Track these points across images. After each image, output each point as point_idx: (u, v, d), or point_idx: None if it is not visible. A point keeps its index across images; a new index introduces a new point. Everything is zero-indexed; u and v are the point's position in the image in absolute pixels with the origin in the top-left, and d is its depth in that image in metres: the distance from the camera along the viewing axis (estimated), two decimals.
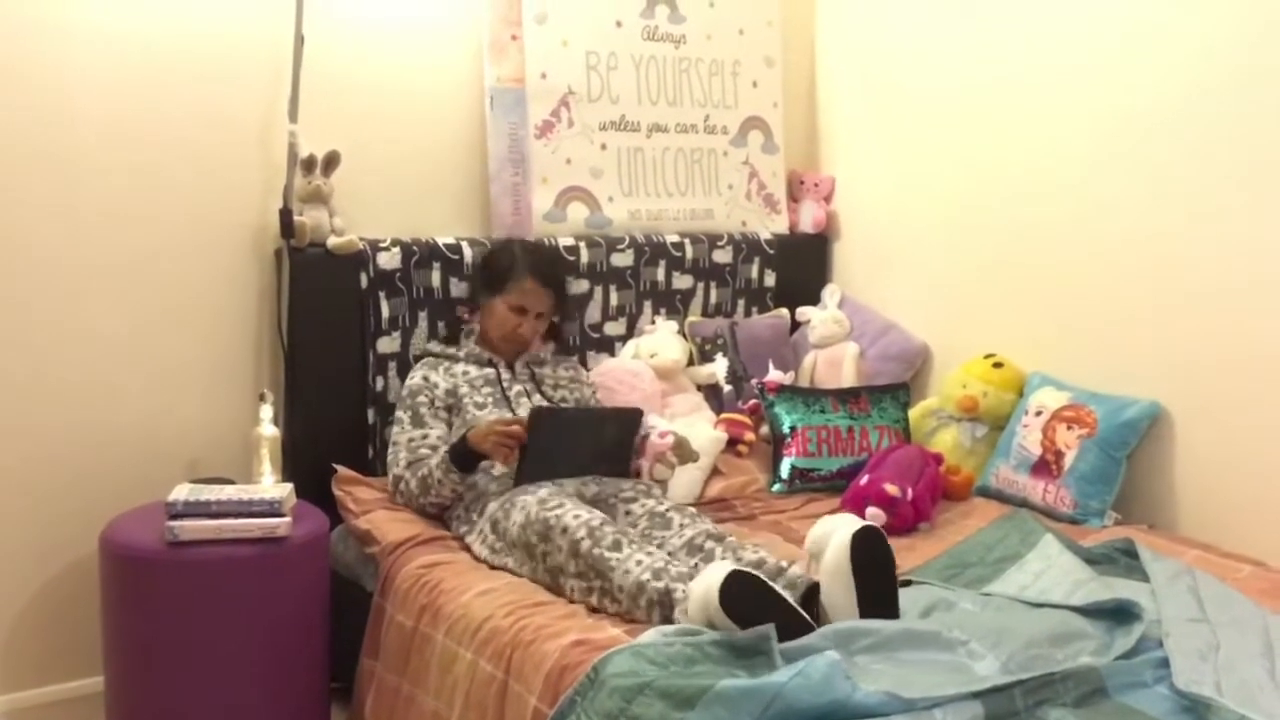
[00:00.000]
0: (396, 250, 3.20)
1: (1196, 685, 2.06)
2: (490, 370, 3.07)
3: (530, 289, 3.07)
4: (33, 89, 2.78)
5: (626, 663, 2.03)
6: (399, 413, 3.00)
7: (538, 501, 2.62)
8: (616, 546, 2.45)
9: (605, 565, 2.42)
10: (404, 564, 2.71)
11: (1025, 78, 3.44)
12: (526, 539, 2.59)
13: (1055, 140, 3.37)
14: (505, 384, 3.04)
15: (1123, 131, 3.19)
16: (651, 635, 2.15)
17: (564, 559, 2.49)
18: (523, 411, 2.95)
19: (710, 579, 2.20)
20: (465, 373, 3.04)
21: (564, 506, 2.58)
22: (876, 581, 2.26)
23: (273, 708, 2.62)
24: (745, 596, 2.18)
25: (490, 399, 2.99)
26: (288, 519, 2.61)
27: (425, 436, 2.91)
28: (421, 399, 2.98)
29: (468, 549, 2.78)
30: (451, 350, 3.09)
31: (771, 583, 2.23)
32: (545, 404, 3.04)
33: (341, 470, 3.03)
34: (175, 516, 2.55)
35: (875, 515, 2.96)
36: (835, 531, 2.33)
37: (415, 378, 3.04)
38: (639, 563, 2.40)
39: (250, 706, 2.58)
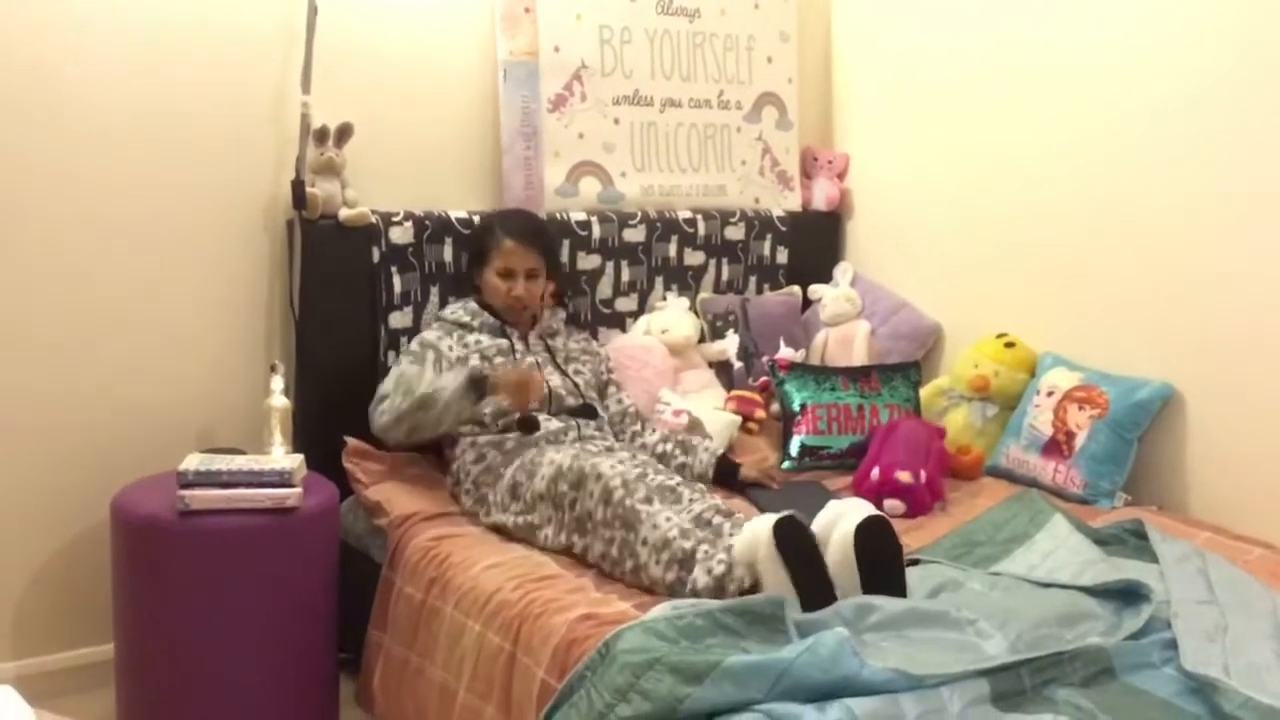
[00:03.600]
0: (409, 224, 3.19)
1: (1204, 667, 2.06)
2: (504, 340, 3.07)
3: (510, 248, 3.06)
4: (44, 60, 2.78)
5: (637, 638, 2.03)
6: (402, 356, 3.02)
7: (570, 456, 2.65)
8: (648, 500, 2.48)
9: (635, 516, 2.44)
10: (413, 536, 2.72)
11: (1041, 58, 3.42)
12: (556, 490, 2.61)
13: (1071, 120, 3.34)
14: (519, 354, 3.05)
15: (1138, 114, 3.17)
16: (662, 609, 2.16)
17: (594, 504, 2.52)
18: None
19: (763, 520, 2.26)
20: (478, 342, 3.04)
21: (599, 458, 2.61)
22: (882, 571, 2.27)
23: (281, 676, 2.63)
24: (797, 536, 2.23)
25: (501, 370, 2.99)
26: (298, 490, 2.61)
27: (420, 375, 2.89)
28: (429, 353, 2.99)
29: (478, 523, 2.79)
30: (466, 319, 3.09)
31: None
32: (559, 378, 3.05)
33: (352, 442, 3.03)
34: (186, 486, 2.55)
35: (895, 507, 2.96)
36: (842, 519, 2.33)
37: (430, 334, 3.05)
38: (668, 519, 2.43)
39: (258, 675, 2.59)
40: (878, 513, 2.34)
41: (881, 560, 2.27)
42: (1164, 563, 2.53)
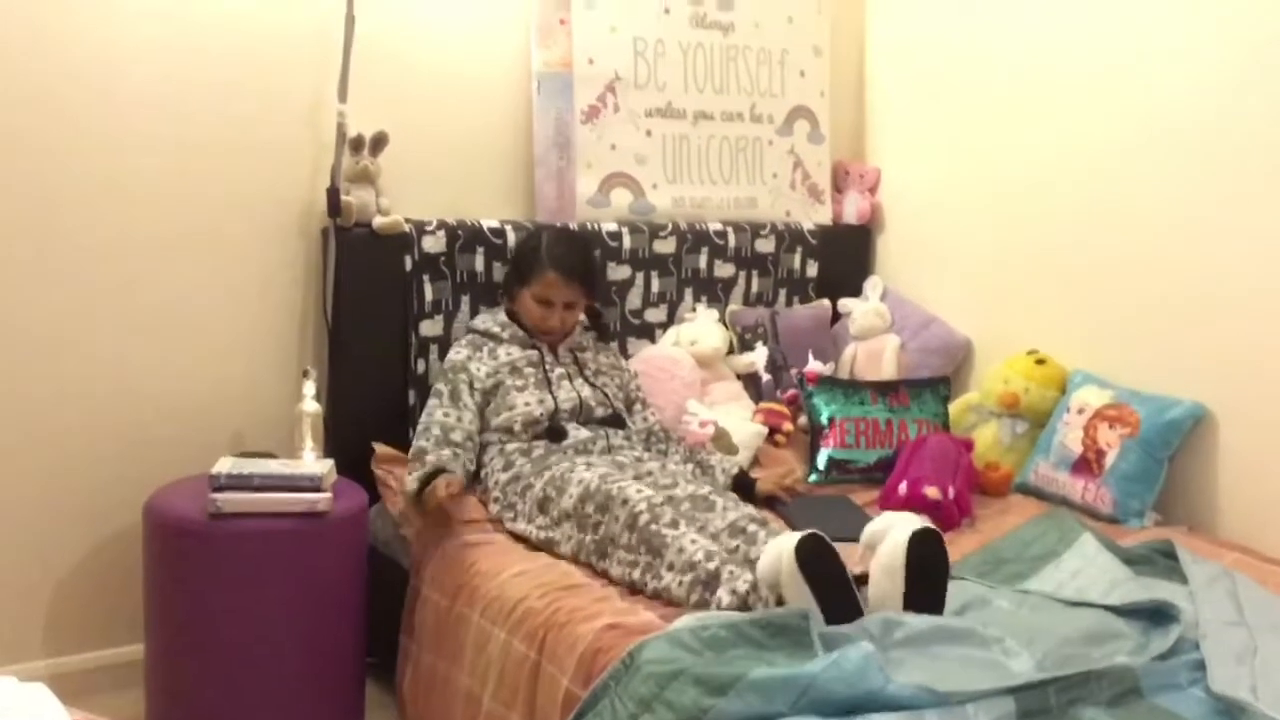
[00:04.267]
0: (441, 234, 3.21)
1: (1232, 689, 2.04)
2: (534, 351, 3.07)
3: (552, 281, 3.04)
4: (83, 65, 2.82)
5: (662, 649, 2.04)
6: (439, 385, 3.00)
7: (599, 477, 2.64)
8: (674, 524, 2.48)
9: (660, 541, 2.44)
10: (440, 544, 2.73)
11: (1076, 74, 3.41)
12: (583, 511, 2.60)
13: (1104, 136, 3.33)
14: (548, 366, 3.05)
15: (1174, 130, 3.15)
16: (687, 620, 2.16)
17: (619, 530, 2.51)
18: (563, 394, 2.98)
19: (786, 539, 2.25)
20: (509, 354, 3.04)
21: (625, 482, 2.61)
22: (928, 584, 2.26)
23: (309, 680, 2.65)
24: (820, 555, 2.22)
25: (532, 379, 3.00)
26: (328, 495, 2.64)
27: (460, 421, 2.91)
28: (462, 378, 2.98)
29: (505, 532, 2.80)
30: (495, 330, 3.09)
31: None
32: (588, 389, 3.06)
33: (380, 448, 3.05)
34: (218, 489, 2.58)
35: None
36: (894, 527, 2.32)
37: (459, 354, 3.04)
38: (693, 541, 2.43)
39: (287, 678, 2.61)
40: (932, 526, 2.33)
41: (930, 573, 2.26)
42: (1194, 583, 2.51)
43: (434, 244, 3.21)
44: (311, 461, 2.79)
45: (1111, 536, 2.83)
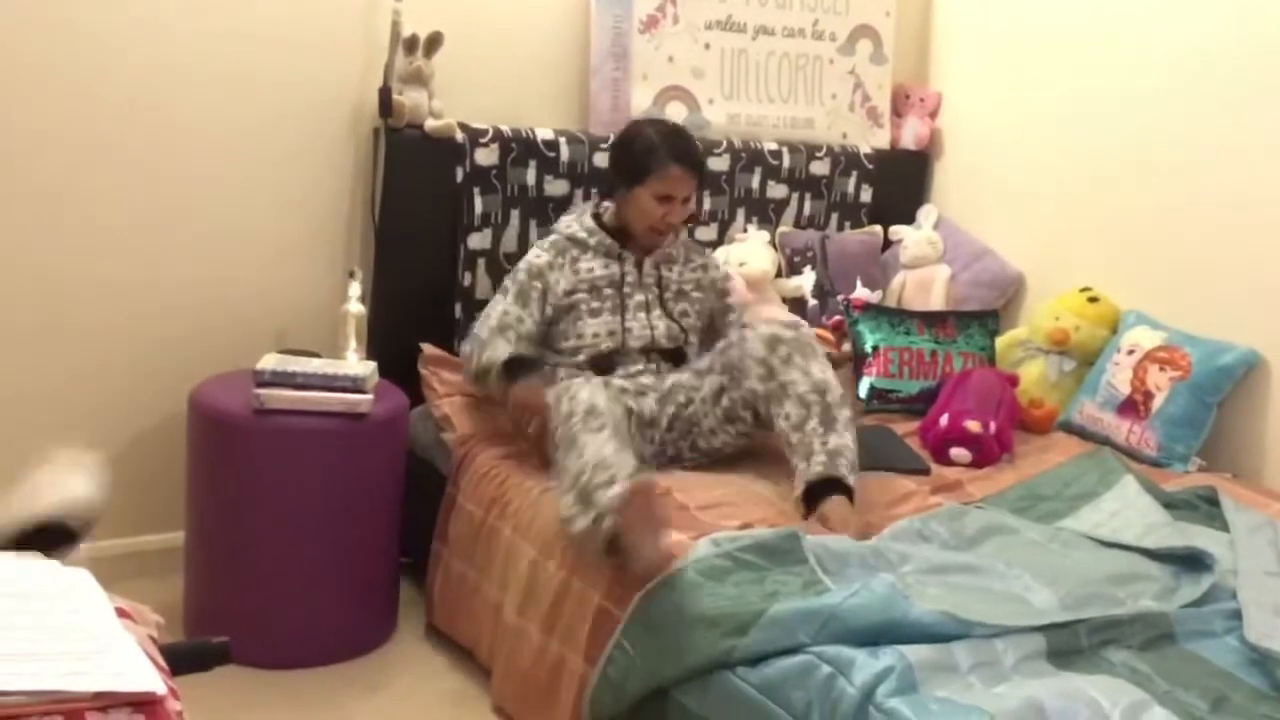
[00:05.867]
0: (495, 146, 3.17)
1: (1268, 640, 2.03)
2: (615, 269, 2.91)
3: (678, 176, 2.85)
4: None
5: (667, 595, 2.04)
6: (507, 281, 2.92)
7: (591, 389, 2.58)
8: (599, 430, 2.42)
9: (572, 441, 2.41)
10: (477, 454, 2.75)
11: (1146, 8, 3.30)
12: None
13: (1168, 75, 3.25)
14: (627, 290, 2.90)
15: (1237, 74, 3.07)
16: (703, 547, 2.16)
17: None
18: (636, 327, 2.87)
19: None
20: (589, 268, 2.89)
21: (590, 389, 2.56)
22: None
23: (344, 575, 2.69)
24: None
25: (608, 304, 2.88)
26: (370, 396, 2.65)
27: (521, 321, 2.84)
28: (536, 285, 2.87)
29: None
30: (582, 236, 2.92)
31: None
32: (663, 323, 2.92)
33: (428, 349, 3.04)
34: (262, 385, 2.60)
35: (960, 455, 2.94)
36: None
37: (541, 258, 2.90)
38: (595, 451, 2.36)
39: (322, 572, 2.65)
40: None
41: None
42: (1235, 532, 2.48)
43: (486, 156, 3.17)
44: (354, 363, 2.80)
45: (1154, 480, 2.80)
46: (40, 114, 2.74)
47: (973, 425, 2.96)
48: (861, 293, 3.59)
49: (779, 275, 3.61)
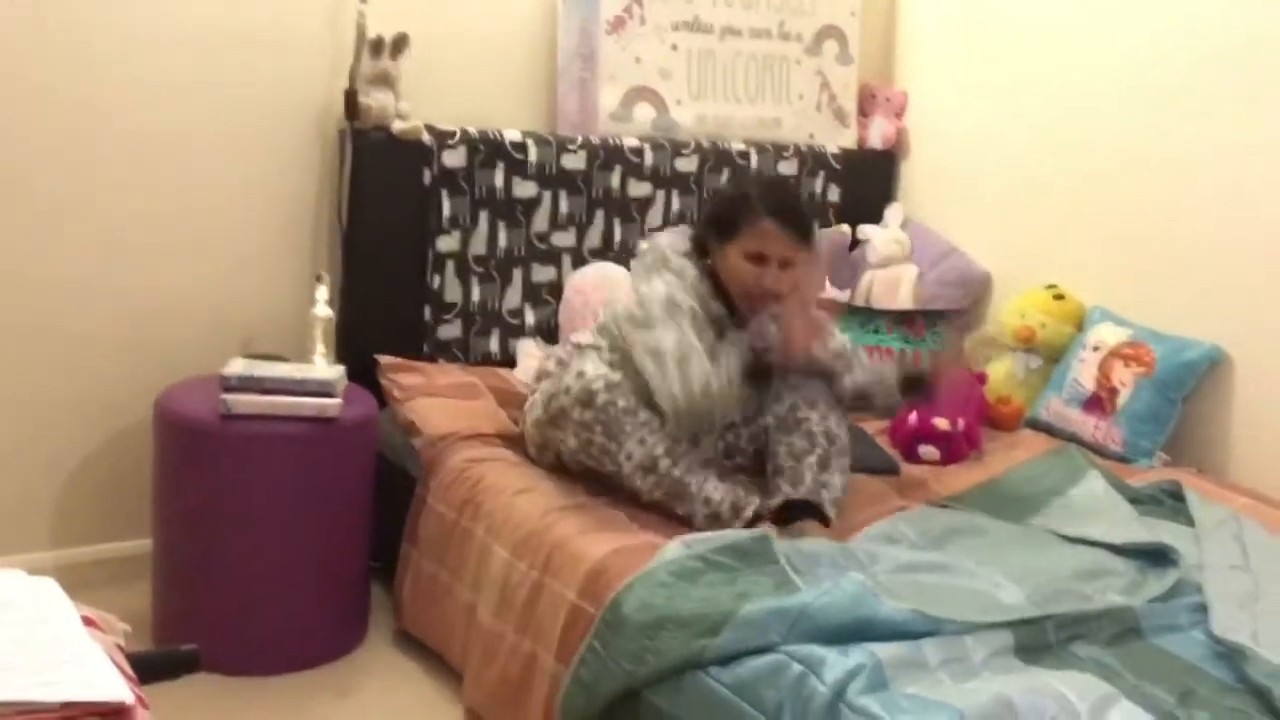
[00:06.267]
0: (462, 148, 3.16)
1: (1233, 633, 2.05)
2: (709, 332, 2.52)
3: (768, 230, 2.51)
4: None
5: (639, 596, 2.05)
6: (656, 311, 2.45)
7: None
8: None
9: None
10: (447, 457, 2.74)
11: (1110, 5, 3.33)
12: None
13: (1134, 72, 3.27)
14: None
15: (1201, 67, 3.09)
16: (673, 549, 2.16)
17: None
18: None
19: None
20: (700, 333, 2.48)
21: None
22: None
23: (313, 581, 2.68)
24: None
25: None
26: (339, 400, 2.64)
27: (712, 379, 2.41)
28: (686, 312, 2.46)
29: (514, 448, 2.77)
30: (691, 273, 2.55)
31: None
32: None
33: (384, 359, 3.06)
34: (229, 390, 2.58)
35: (930, 454, 2.96)
36: None
37: (672, 289, 2.49)
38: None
39: (291, 578, 2.64)
40: None
41: None
42: (1200, 526, 2.51)
43: (454, 158, 3.16)
44: (323, 367, 2.79)
45: (1120, 475, 2.83)
46: (2, 118, 2.72)
47: (941, 423, 2.98)
48: (830, 292, 3.60)
49: None
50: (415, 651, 2.78)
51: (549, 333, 3.37)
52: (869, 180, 3.95)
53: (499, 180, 3.24)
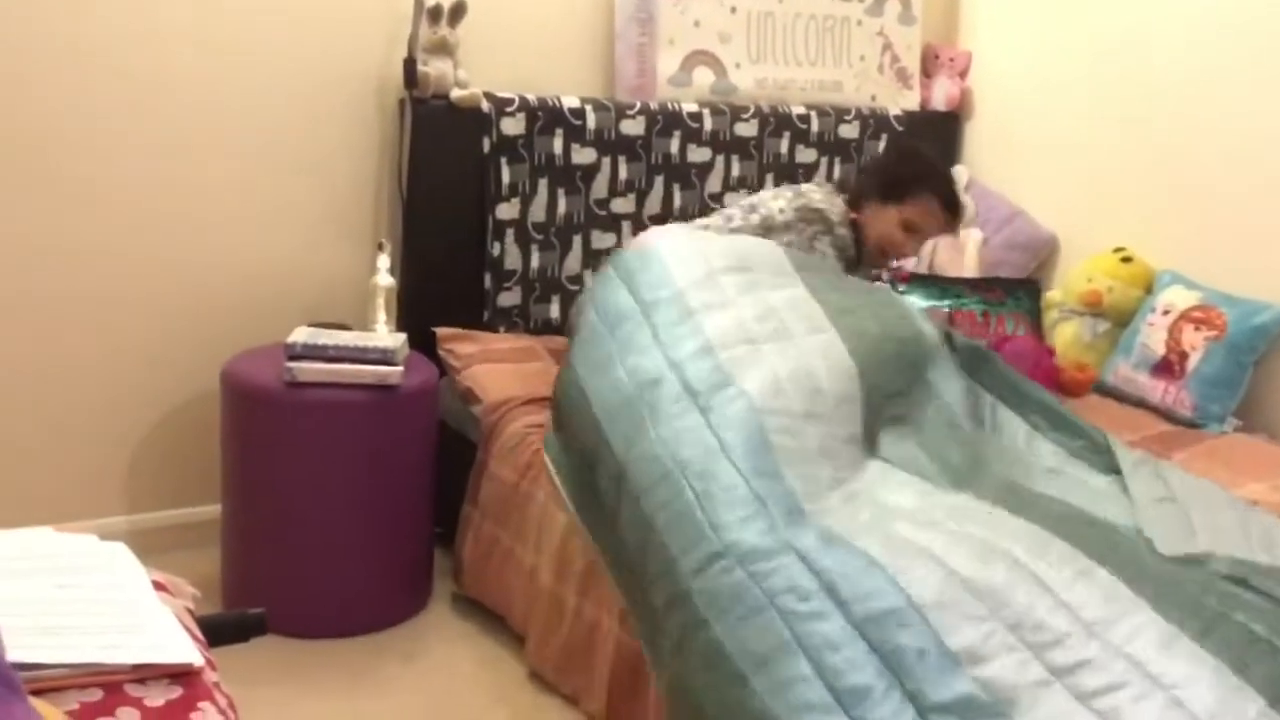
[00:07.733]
0: (521, 115, 3.16)
1: (1183, 547, 2.06)
2: (841, 266, 2.79)
3: (934, 211, 2.80)
4: None
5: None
6: (734, 213, 2.78)
7: None
8: None
9: None
10: (508, 423, 2.75)
11: None
12: None
13: (1204, 30, 3.19)
14: None
15: (1274, 25, 3.00)
16: None
17: None
18: None
19: None
20: (823, 254, 2.77)
21: None
22: None
23: (378, 546, 2.71)
24: None
25: None
26: (400, 368, 2.66)
27: None
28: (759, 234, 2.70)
29: None
30: (834, 219, 2.79)
31: None
32: None
33: (441, 331, 3.08)
34: (294, 358, 2.62)
35: None
36: None
37: (784, 214, 2.76)
38: None
39: (356, 543, 2.67)
40: None
41: None
42: (1123, 464, 2.45)
43: (513, 126, 3.16)
44: (385, 335, 2.81)
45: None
46: (71, 96, 2.76)
47: None
48: (905, 263, 3.56)
49: None
50: (478, 615, 2.80)
51: None
52: (932, 143, 3.88)
53: (558, 147, 3.23)
